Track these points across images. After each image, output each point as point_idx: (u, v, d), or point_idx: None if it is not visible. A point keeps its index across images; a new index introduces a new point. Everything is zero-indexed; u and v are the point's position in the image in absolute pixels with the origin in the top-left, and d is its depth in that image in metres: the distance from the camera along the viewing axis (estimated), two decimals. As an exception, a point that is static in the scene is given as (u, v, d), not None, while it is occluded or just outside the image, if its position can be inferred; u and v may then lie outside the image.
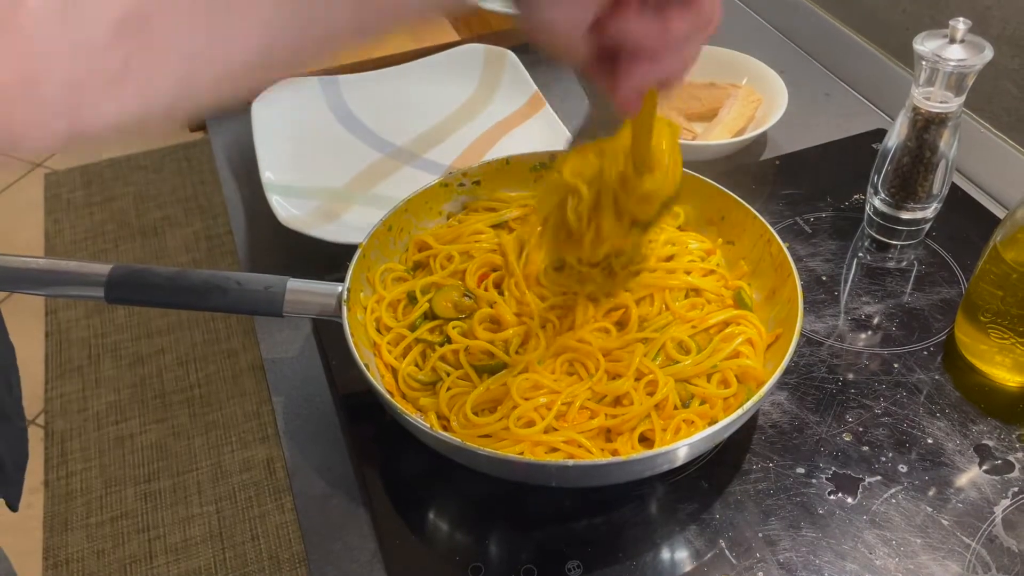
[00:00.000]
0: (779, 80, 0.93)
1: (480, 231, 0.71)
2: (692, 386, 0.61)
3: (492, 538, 0.60)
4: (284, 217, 0.79)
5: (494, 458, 0.55)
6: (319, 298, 0.64)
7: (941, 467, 0.63)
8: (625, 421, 0.58)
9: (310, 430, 0.68)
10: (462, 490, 0.62)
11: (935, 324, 0.73)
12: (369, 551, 0.60)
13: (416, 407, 0.62)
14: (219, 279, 0.63)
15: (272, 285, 0.63)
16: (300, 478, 0.64)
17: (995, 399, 0.67)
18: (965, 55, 0.68)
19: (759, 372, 0.61)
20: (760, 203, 0.84)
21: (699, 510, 0.60)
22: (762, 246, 0.68)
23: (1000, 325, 0.65)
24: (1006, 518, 0.59)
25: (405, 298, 0.67)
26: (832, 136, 0.93)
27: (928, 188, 0.76)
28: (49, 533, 1.58)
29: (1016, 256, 0.64)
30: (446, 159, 0.90)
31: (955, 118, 0.72)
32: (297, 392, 0.70)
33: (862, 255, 0.80)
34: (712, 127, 0.91)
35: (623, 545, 0.59)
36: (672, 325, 0.64)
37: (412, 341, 0.64)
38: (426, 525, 0.61)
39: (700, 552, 0.58)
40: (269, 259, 0.82)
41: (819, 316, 0.74)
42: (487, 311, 0.65)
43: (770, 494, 0.61)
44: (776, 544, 0.58)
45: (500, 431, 0.58)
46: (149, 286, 0.63)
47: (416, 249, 0.71)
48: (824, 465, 0.63)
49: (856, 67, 1.01)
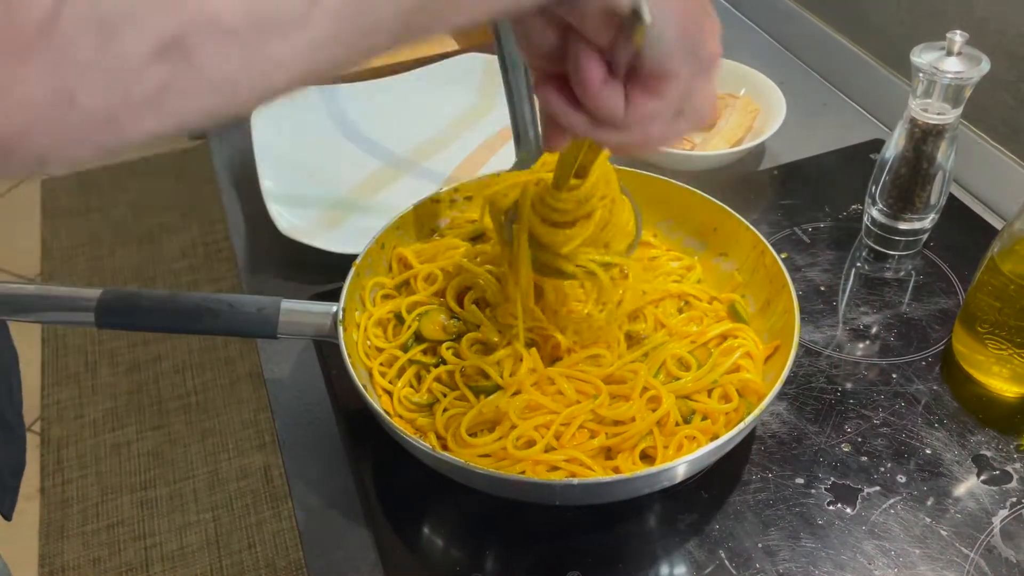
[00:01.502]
0: (777, 90, 0.93)
1: (456, 245, 0.71)
2: (693, 402, 0.61)
3: (491, 549, 0.60)
4: (283, 226, 0.79)
5: (498, 478, 0.55)
6: (314, 318, 0.63)
7: (940, 477, 0.63)
8: (626, 439, 0.58)
9: (310, 440, 0.67)
10: (461, 502, 0.62)
11: (933, 334, 0.73)
12: (369, 562, 0.60)
13: (414, 427, 0.62)
14: (211, 302, 0.62)
15: (265, 307, 0.63)
16: (300, 488, 0.64)
17: (993, 409, 0.67)
18: (962, 67, 0.69)
19: (759, 385, 0.61)
20: (758, 213, 0.84)
21: (699, 521, 0.61)
22: (756, 257, 0.69)
23: (998, 336, 0.66)
24: (1004, 528, 0.60)
25: (393, 317, 0.67)
26: (830, 146, 0.93)
27: (926, 199, 0.76)
28: (45, 541, 1.58)
29: (1013, 268, 0.64)
30: (446, 169, 0.90)
31: (952, 129, 0.73)
32: (297, 402, 0.70)
33: (860, 265, 0.80)
34: (710, 137, 0.91)
35: (623, 556, 0.59)
36: (671, 342, 0.64)
37: (406, 362, 0.64)
38: (426, 536, 0.61)
39: (700, 563, 0.58)
40: (268, 268, 0.82)
41: (818, 326, 0.74)
42: (475, 334, 0.64)
43: (769, 504, 0.61)
44: (776, 555, 0.58)
45: (498, 451, 0.58)
46: (140, 310, 0.62)
47: (400, 266, 0.71)
48: (823, 475, 0.63)
49: (854, 78, 1.02)
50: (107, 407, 1.80)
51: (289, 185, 0.86)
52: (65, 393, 1.83)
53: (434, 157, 0.92)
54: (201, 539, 1.57)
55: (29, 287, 0.63)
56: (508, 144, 0.92)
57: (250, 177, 0.88)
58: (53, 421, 1.78)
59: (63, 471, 1.69)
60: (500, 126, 0.95)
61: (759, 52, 1.10)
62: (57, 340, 1.94)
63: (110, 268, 2.10)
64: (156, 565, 1.54)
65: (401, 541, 0.60)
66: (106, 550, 1.56)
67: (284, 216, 0.81)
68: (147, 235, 2.19)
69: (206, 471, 1.68)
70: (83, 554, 1.56)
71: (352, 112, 0.96)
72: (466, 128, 0.95)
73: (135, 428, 1.76)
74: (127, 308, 0.62)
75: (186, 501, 1.63)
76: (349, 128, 0.95)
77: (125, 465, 1.70)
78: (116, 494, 1.65)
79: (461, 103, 0.98)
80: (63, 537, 1.58)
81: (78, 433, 1.75)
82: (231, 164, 0.94)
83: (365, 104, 0.97)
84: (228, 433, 1.75)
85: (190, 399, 1.82)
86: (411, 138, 0.94)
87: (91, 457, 1.71)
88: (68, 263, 2.12)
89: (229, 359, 1.89)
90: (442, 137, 0.94)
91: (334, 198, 0.86)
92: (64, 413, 1.79)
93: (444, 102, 0.97)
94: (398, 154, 0.92)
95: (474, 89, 0.99)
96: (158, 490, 1.65)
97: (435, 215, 0.74)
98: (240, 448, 1.72)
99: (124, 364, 1.89)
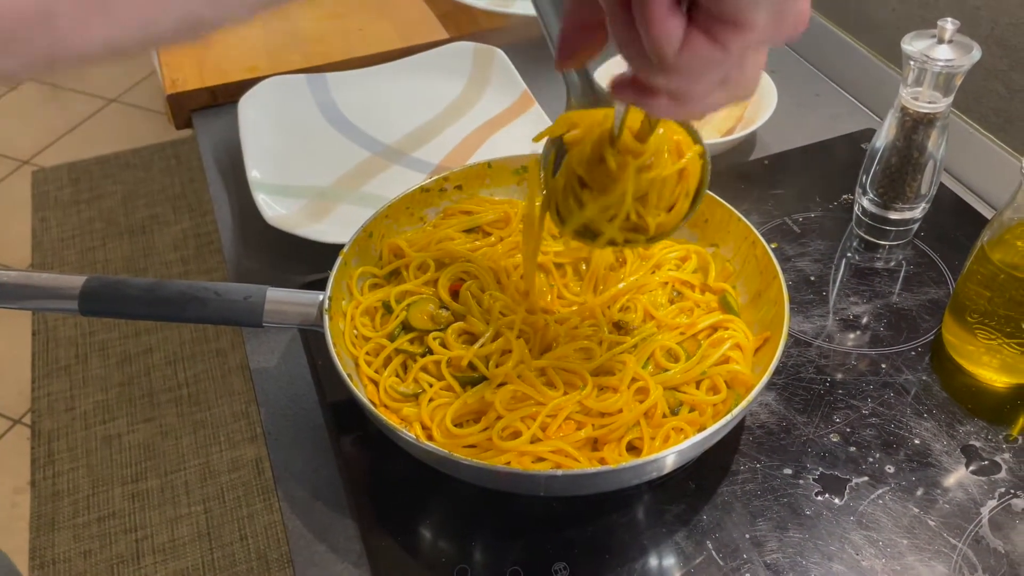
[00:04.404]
0: (769, 80, 0.92)
1: (451, 236, 0.71)
2: (681, 393, 0.61)
3: (478, 540, 0.59)
4: (271, 216, 0.78)
5: (483, 469, 0.54)
6: (300, 307, 0.63)
7: (928, 468, 0.63)
8: (613, 431, 0.58)
9: (296, 432, 0.67)
10: (448, 493, 0.62)
11: (923, 324, 0.73)
12: (355, 553, 0.59)
13: (400, 416, 0.61)
14: (196, 290, 0.62)
15: (251, 295, 0.62)
16: (286, 480, 0.64)
17: (982, 400, 0.67)
18: (953, 55, 0.68)
19: (748, 377, 0.61)
20: (749, 203, 0.84)
21: (686, 512, 0.60)
22: (747, 248, 0.68)
23: (987, 326, 0.65)
24: (992, 519, 0.59)
25: (381, 306, 0.67)
26: (821, 136, 0.93)
27: (916, 188, 0.76)
28: (35, 533, 1.57)
29: (1003, 257, 0.64)
30: (434, 158, 0.89)
31: (943, 118, 0.72)
32: (283, 393, 0.70)
33: (850, 255, 0.80)
34: (701, 126, 0.90)
35: (610, 547, 0.59)
36: (660, 333, 0.64)
37: (392, 352, 0.64)
38: (412, 528, 0.61)
39: (687, 554, 0.58)
40: (255, 258, 0.81)
41: (807, 316, 0.74)
42: (461, 325, 0.64)
43: (757, 495, 0.61)
44: (763, 546, 0.58)
45: (483, 441, 0.57)
46: (124, 298, 0.61)
47: (391, 254, 0.70)
48: (811, 466, 0.63)
49: (845, 67, 1.01)
50: (98, 399, 1.79)
51: (277, 175, 0.85)
52: (56, 385, 1.82)
53: (423, 147, 0.91)
54: (192, 531, 1.57)
55: (11, 273, 0.62)
56: (498, 133, 0.92)
57: (237, 166, 0.88)
58: (44, 413, 1.77)
59: (54, 463, 1.68)
60: (490, 115, 0.94)
61: (751, 41, 1.09)
62: (48, 332, 1.93)
63: (101, 260, 2.09)
64: (147, 557, 1.53)
65: (387, 533, 0.60)
66: (97, 543, 1.56)
67: (271, 206, 0.80)
68: (139, 227, 2.17)
69: (198, 463, 1.68)
70: (74, 547, 1.55)
71: (340, 101, 0.96)
72: (456, 117, 0.95)
73: (126, 420, 1.76)
74: (111, 296, 0.62)
75: (177, 493, 1.63)
76: (337, 117, 0.94)
77: (116, 457, 1.69)
78: (107, 486, 1.64)
79: (451, 91, 0.97)
80: (54, 530, 1.58)
81: (69, 425, 1.75)
82: (218, 153, 0.93)
83: (353, 92, 0.96)
84: (220, 425, 1.74)
85: (182, 391, 1.81)
86: (400, 127, 0.93)
87: (82, 449, 1.71)
88: (59, 255, 2.11)
89: (221, 351, 1.88)
90: (431, 126, 0.93)
91: (322, 188, 0.85)
92: (55, 405, 1.78)
93: (433, 90, 0.97)
94: (387, 143, 0.91)
95: (464, 77, 0.98)
96: (149, 482, 1.65)
97: (425, 204, 0.74)
98: (232, 440, 1.71)
99: (115, 356, 1.88)
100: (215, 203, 0.88)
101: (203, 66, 1.01)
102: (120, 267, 2.07)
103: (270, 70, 0.99)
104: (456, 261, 0.68)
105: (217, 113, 0.99)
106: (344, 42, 1.05)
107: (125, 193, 2.27)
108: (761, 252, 0.66)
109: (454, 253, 0.69)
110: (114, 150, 2.40)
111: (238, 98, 0.92)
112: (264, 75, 0.97)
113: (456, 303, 0.66)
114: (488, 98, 0.96)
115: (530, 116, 0.91)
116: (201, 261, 2.08)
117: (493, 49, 0.98)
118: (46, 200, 2.27)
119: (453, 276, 0.68)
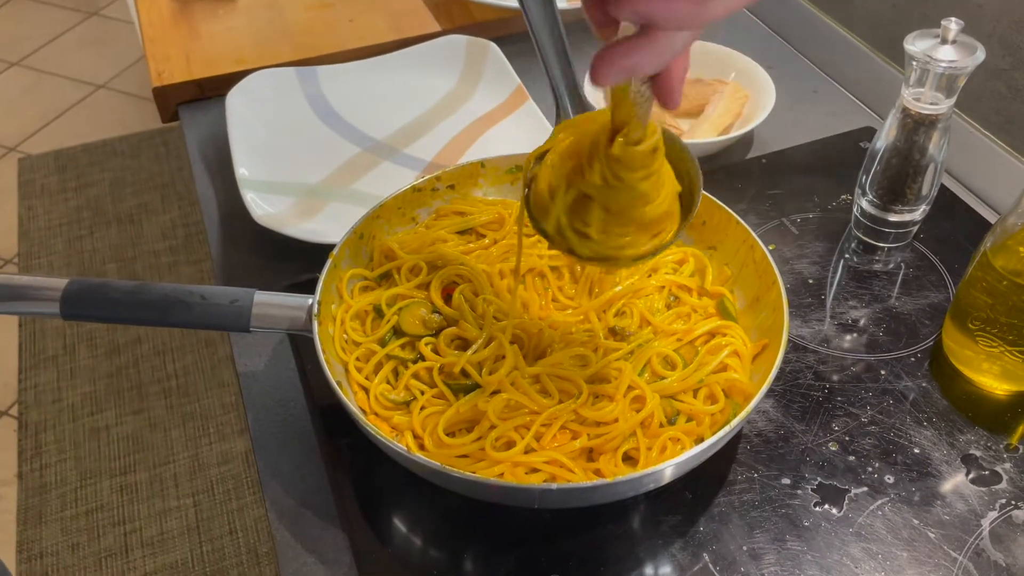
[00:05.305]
0: (767, 76, 0.91)
1: (444, 238, 0.69)
2: (678, 402, 0.60)
3: (470, 551, 0.58)
4: (259, 215, 0.77)
5: (475, 482, 0.53)
6: (288, 311, 0.61)
7: (928, 478, 0.62)
8: (609, 440, 0.57)
9: (284, 437, 0.66)
10: (439, 502, 0.60)
11: (922, 329, 0.72)
12: (344, 564, 0.58)
13: (390, 425, 0.60)
14: (181, 293, 0.60)
15: (238, 299, 0.60)
16: (273, 487, 0.63)
17: (983, 407, 0.66)
18: (957, 56, 0.67)
19: (746, 386, 0.60)
20: (746, 203, 0.83)
21: (683, 523, 0.59)
22: (745, 252, 0.67)
23: (989, 333, 0.64)
24: (993, 531, 0.59)
25: (372, 310, 0.65)
26: (820, 134, 0.91)
27: (917, 190, 0.74)
28: (23, 526, 1.56)
29: (1006, 263, 0.62)
30: (427, 154, 0.87)
31: (945, 120, 0.71)
32: (270, 397, 0.68)
33: (849, 257, 0.78)
34: (698, 124, 0.89)
35: (605, 558, 0.57)
36: (656, 339, 0.62)
37: (383, 358, 0.62)
38: (402, 537, 0.59)
39: (684, 567, 0.57)
40: (243, 257, 0.80)
41: (805, 320, 0.73)
42: (453, 330, 0.63)
43: (755, 506, 0.60)
44: (761, 558, 0.57)
45: (476, 452, 0.56)
46: (107, 302, 0.60)
47: (383, 257, 0.69)
48: (810, 475, 0.62)
49: (845, 64, 0.99)
50: (86, 391, 1.78)
51: (265, 171, 0.83)
52: (43, 377, 1.80)
53: (415, 143, 0.89)
54: (182, 525, 1.56)
55: None
56: (491, 130, 0.90)
57: (225, 161, 0.86)
58: (31, 405, 1.75)
59: (41, 456, 1.66)
60: (484, 110, 0.92)
61: (749, 37, 1.08)
62: (34, 323, 1.90)
63: (88, 249, 2.07)
64: (136, 551, 1.52)
65: (377, 542, 0.58)
66: (85, 536, 1.54)
67: (260, 204, 0.79)
68: (127, 215, 2.15)
69: (187, 456, 1.66)
70: (62, 540, 1.54)
71: (331, 95, 0.94)
72: (449, 112, 0.93)
73: (114, 412, 1.74)
74: (93, 300, 0.60)
75: (166, 486, 1.61)
76: (327, 112, 0.92)
77: (104, 450, 1.68)
78: (95, 479, 1.63)
79: (443, 86, 0.95)
80: (41, 523, 1.56)
81: (56, 417, 1.73)
82: (205, 147, 0.91)
83: (345, 87, 0.94)
84: (209, 417, 1.73)
85: (171, 382, 1.79)
86: (392, 123, 0.91)
87: (70, 442, 1.69)
88: (45, 244, 2.08)
89: (210, 341, 1.86)
90: (423, 122, 0.91)
91: (311, 185, 0.84)
92: (42, 397, 1.76)
93: (426, 85, 0.95)
94: (378, 139, 0.89)
95: (457, 71, 0.96)
96: (138, 475, 1.63)
97: (417, 204, 0.72)
98: (221, 433, 1.70)
99: (103, 347, 1.86)
100: (202, 200, 0.86)
101: (190, 58, 0.99)
102: (108, 256, 2.05)
103: (258, 62, 0.97)
104: (449, 264, 0.67)
105: (204, 107, 0.97)
106: (334, 34, 1.03)
107: (113, 181, 2.24)
108: (760, 256, 0.65)
109: (447, 256, 0.67)
110: (102, 137, 2.37)
111: (226, 91, 0.89)
112: (252, 67, 0.95)
113: (449, 307, 0.64)
114: (481, 93, 0.94)
115: (524, 112, 0.90)
116: (190, 251, 2.06)
117: (487, 43, 0.96)
118: (32, 188, 2.24)
119: (446, 279, 0.66)
